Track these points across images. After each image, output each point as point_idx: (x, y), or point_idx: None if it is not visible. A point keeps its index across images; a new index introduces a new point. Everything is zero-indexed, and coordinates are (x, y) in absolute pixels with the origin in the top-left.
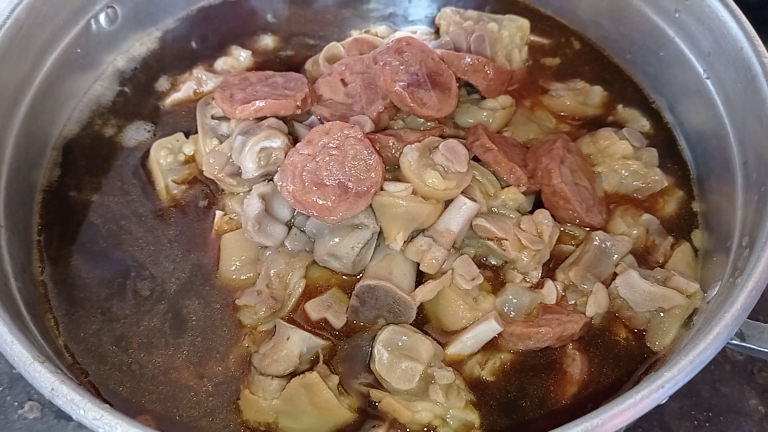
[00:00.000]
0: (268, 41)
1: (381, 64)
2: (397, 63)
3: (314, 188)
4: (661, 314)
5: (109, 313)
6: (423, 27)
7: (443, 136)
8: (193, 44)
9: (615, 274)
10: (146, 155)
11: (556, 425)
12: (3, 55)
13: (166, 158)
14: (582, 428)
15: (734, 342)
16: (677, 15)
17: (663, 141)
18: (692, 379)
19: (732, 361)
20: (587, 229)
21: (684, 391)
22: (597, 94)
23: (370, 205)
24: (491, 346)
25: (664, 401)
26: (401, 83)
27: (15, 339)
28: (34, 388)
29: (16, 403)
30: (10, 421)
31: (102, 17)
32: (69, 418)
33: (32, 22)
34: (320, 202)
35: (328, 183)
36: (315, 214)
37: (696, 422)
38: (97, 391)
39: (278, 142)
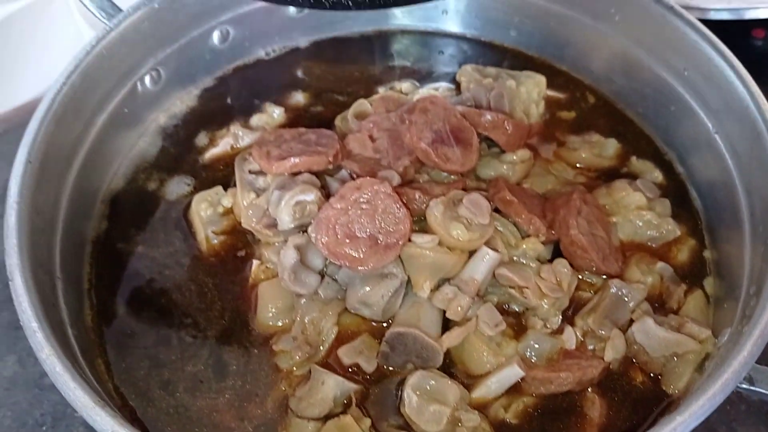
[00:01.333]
0: (299, 98)
1: (407, 122)
2: (422, 121)
3: (347, 240)
4: (675, 359)
5: (156, 358)
6: (445, 84)
7: (466, 189)
8: (230, 101)
9: (631, 321)
10: (188, 207)
11: None
12: (60, 118)
13: (206, 210)
14: None
15: (744, 386)
16: (686, 73)
17: (675, 191)
18: (709, 419)
19: (747, 402)
20: (604, 276)
21: (700, 429)
22: (611, 146)
23: (399, 256)
24: (514, 389)
25: None
26: (426, 140)
27: (77, 385)
28: (75, 429)
29: None
30: None
31: (147, 79)
32: None
33: (86, 86)
34: (352, 254)
35: (359, 235)
36: (347, 264)
37: None
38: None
39: (312, 196)
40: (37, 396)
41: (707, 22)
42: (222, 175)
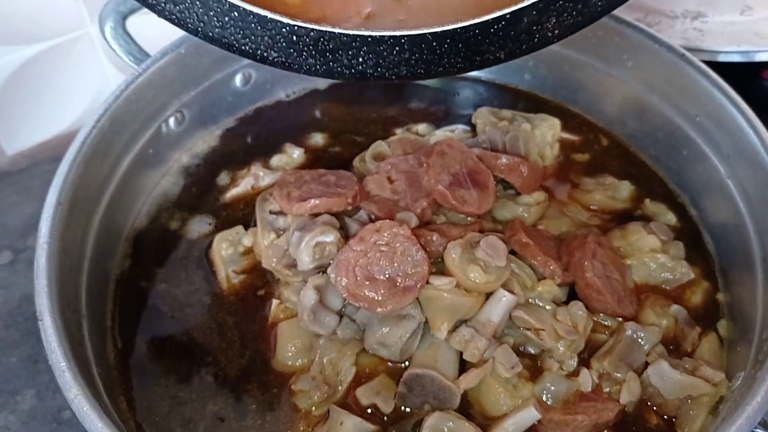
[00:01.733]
0: (318, 138)
1: (425, 165)
2: (440, 164)
3: (366, 282)
4: (690, 401)
5: (177, 396)
6: (461, 126)
7: (483, 231)
8: (251, 142)
9: (647, 363)
10: (209, 246)
11: None
12: (88, 160)
13: (227, 250)
14: None
15: (758, 430)
16: (697, 119)
17: (688, 234)
18: None
19: None
20: (620, 318)
21: None
22: (625, 188)
23: (417, 298)
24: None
25: None
26: (443, 183)
27: (104, 425)
28: None
29: None
30: None
31: (172, 120)
32: None
33: (114, 129)
34: (372, 296)
35: (378, 277)
36: (367, 306)
37: None
38: None
39: (331, 237)
40: (55, 430)
41: (717, 65)
42: (242, 214)
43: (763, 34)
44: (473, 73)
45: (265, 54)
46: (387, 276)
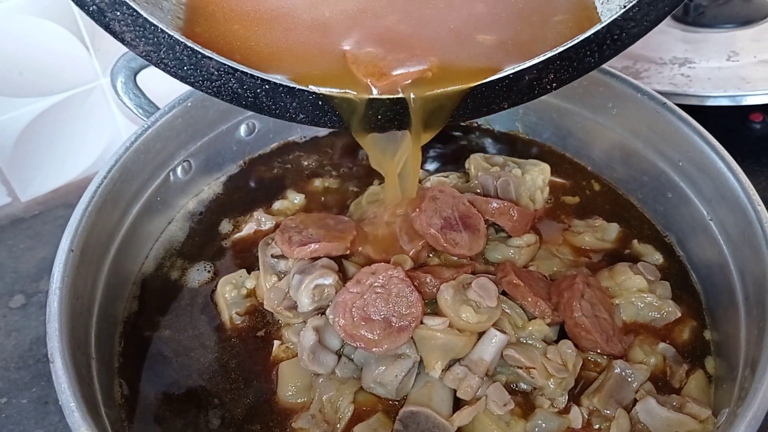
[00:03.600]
0: (318, 184)
1: (417, 210)
2: (432, 208)
3: (362, 323)
4: None
5: None
6: (454, 172)
7: (475, 272)
8: (253, 188)
9: (635, 400)
10: (213, 291)
11: None
12: (99, 209)
13: (230, 293)
14: None
15: None
16: (680, 164)
17: (676, 273)
18: None
19: None
20: (609, 357)
21: None
22: (614, 230)
23: (412, 338)
24: None
25: None
26: (435, 227)
27: None
28: None
29: None
30: None
31: (179, 170)
32: None
33: (124, 178)
34: (368, 336)
35: (374, 318)
36: (363, 346)
37: None
38: None
39: (330, 279)
40: None
41: (706, 109)
42: (245, 257)
43: (749, 78)
44: (468, 122)
45: (294, 116)
46: (382, 317)
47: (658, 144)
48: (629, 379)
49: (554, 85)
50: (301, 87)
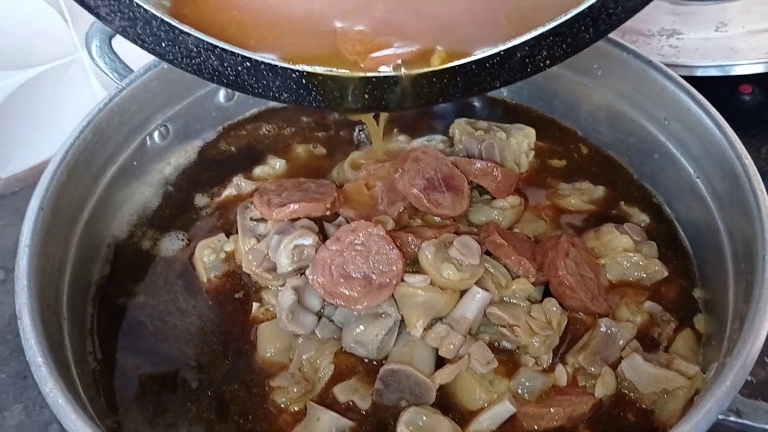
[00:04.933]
0: (300, 150)
1: (400, 170)
2: (414, 169)
3: (342, 280)
4: (666, 395)
5: (160, 404)
6: (438, 137)
7: (458, 233)
8: (233, 154)
9: (621, 358)
10: (191, 255)
11: None
12: (72, 170)
13: (209, 256)
14: None
15: (731, 419)
16: (666, 123)
17: (665, 234)
18: None
19: None
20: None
21: None
22: (600, 192)
23: (393, 296)
24: (507, 425)
25: None
26: (418, 187)
27: (78, 417)
28: None
29: None
30: None
31: (156, 134)
32: None
33: (97, 140)
34: (347, 293)
35: (354, 276)
36: (342, 303)
37: None
38: None
39: (310, 240)
40: None
41: (695, 79)
42: (221, 222)
43: (737, 48)
44: None
45: (277, 95)
46: (362, 274)
47: (644, 104)
48: (615, 337)
49: (548, 62)
50: (283, 65)
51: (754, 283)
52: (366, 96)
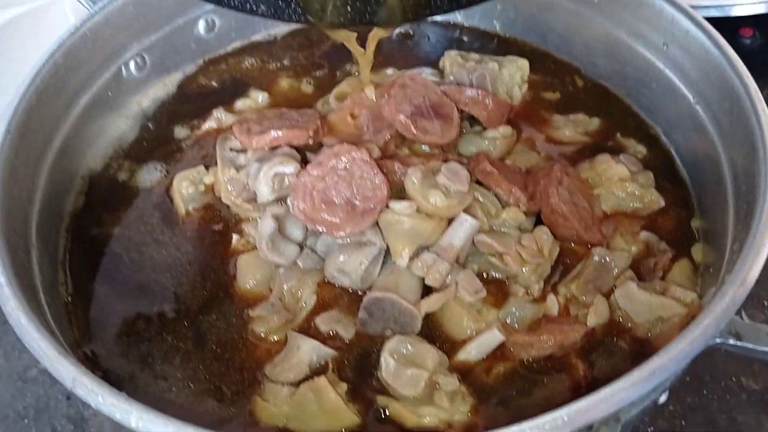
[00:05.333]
0: (283, 84)
1: (386, 96)
2: (402, 95)
3: (323, 206)
4: (661, 324)
5: (136, 333)
6: (428, 69)
7: (447, 161)
8: (213, 88)
9: (615, 288)
10: (168, 186)
11: None
12: (41, 94)
13: (187, 188)
14: (573, 409)
15: (731, 342)
16: (665, 48)
17: (662, 164)
18: (708, 408)
19: (748, 391)
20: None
21: (700, 419)
22: (596, 124)
23: (377, 224)
24: (496, 355)
25: (661, 400)
26: (405, 113)
27: (42, 336)
28: (57, 420)
29: None
30: None
31: (132, 64)
32: None
33: (68, 65)
34: (329, 219)
35: (336, 201)
36: (324, 230)
37: None
38: None
39: (291, 168)
40: (20, 389)
41: None
42: (201, 155)
43: None
44: (442, 18)
45: (254, 7)
46: (345, 200)
47: (642, 30)
48: (609, 266)
49: None
50: None
51: (756, 202)
52: (348, 7)
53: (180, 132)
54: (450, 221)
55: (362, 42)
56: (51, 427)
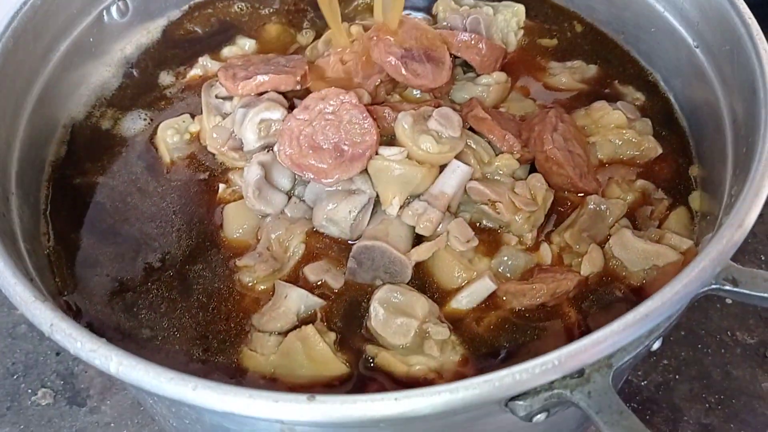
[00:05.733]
0: (271, 31)
1: (375, 38)
2: (391, 38)
3: (311, 151)
4: (656, 272)
5: (120, 283)
6: (420, 14)
7: (438, 107)
8: (200, 35)
9: (610, 236)
10: (152, 135)
11: None
12: (18, 37)
13: (172, 137)
14: (564, 352)
15: (727, 287)
16: None
17: (661, 112)
18: (703, 362)
19: (743, 345)
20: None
21: (694, 373)
22: (593, 71)
23: (366, 171)
24: (488, 304)
25: (655, 346)
26: (395, 55)
27: (18, 281)
28: (47, 376)
29: (29, 390)
30: (23, 408)
31: (114, 9)
32: (81, 404)
33: (47, 9)
34: (317, 165)
35: (324, 146)
36: (312, 176)
37: (707, 405)
38: None
39: (278, 113)
40: (9, 345)
41: None
42: (187, 103)
43: None
44: None
45: None
46: (333, 144)
47: None
48: (604, 214)
49: None
50: None
51: (755, 145)
52: None
53: (165, 79)
54: (442, 168)
55: None
56: (41, 382)
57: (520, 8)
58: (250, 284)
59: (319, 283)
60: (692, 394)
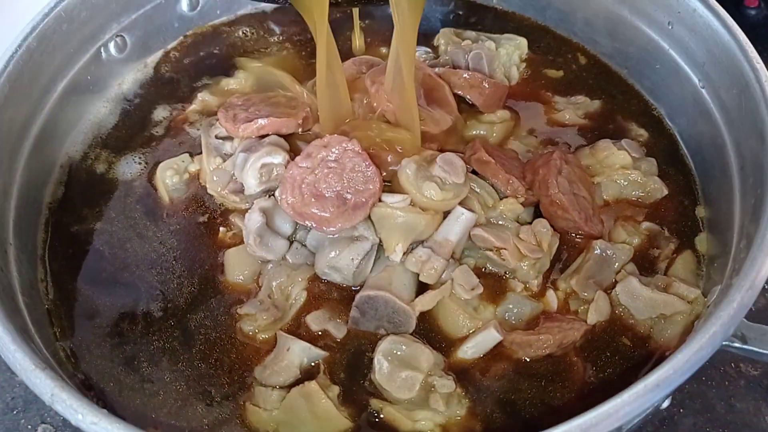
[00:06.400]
0: (271, 60)
1: (374, 84)
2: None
3: (313, 200)
4: (663, 321)
5: (120, 335)
6: (422, 48)
7: (442, 150)
8: (197, 66)
9: (616, 282)
10: (151, 176)
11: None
12: (15, 82)
13: (171, 178)
14: (574, 425)
15: (736, 345)
16: (670, 27)
17: (665, 150)
18: (706, 395)
19: (746, 377)
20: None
21: (698, 407)
22: (596, 106)
23: (370, 218)
24: (493, 354)
25: (664, 405)
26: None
27: (18, 348)
28: (47, 412)
29: (29, 426)
30: None
31: (111, 45)
32: None
33: (43, 50)
34: (319, 214)
35: (327, 195)
36: (314, 225)
37: None
38: (107, 406)
39: (279, 158)
40: (8, 380)
41: None
42: (181, 142)
43: None
44: None
45: None
46: (336, 193)
47: (646, 7)
48: (610, 260)
49: None
50: None
51: (764, 198)
52: None
53: (161, 115)
54: (445, 214)
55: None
56: (41, 418)
57: (522, 42)
58: (251, 333)
59: (321, 333)
60: (696, 428)
